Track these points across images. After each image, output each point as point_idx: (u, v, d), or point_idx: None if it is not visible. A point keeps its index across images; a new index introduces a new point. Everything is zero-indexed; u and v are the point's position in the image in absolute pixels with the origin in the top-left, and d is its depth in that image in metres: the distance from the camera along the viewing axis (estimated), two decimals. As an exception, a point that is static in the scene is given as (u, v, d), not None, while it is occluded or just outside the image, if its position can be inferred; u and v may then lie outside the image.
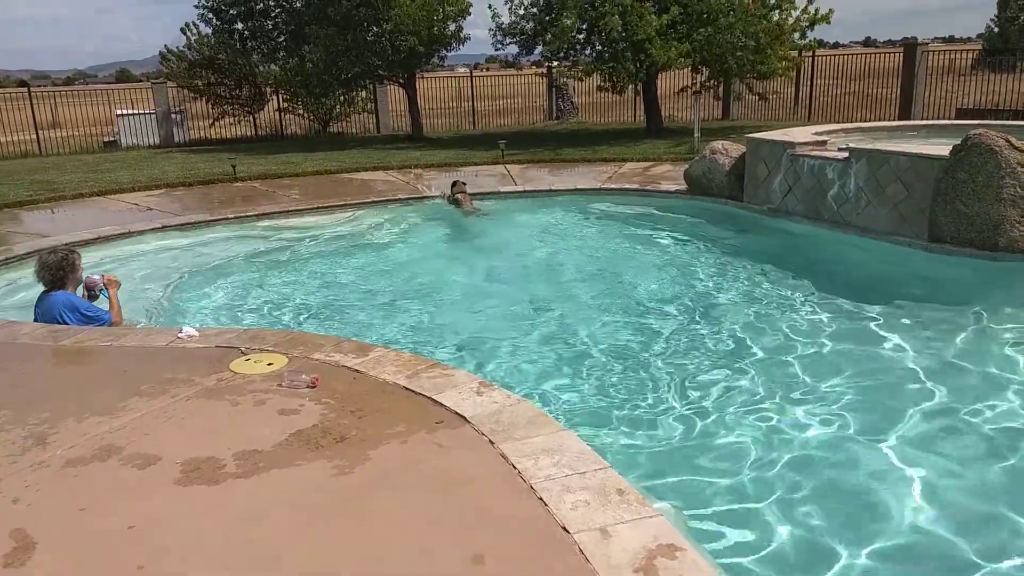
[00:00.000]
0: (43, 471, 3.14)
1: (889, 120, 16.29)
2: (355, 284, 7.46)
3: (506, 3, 17.53)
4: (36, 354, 4.65)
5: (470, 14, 18.48)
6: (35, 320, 5.35)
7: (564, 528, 2.60)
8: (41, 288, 5.42)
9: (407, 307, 6.72)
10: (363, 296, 7.08)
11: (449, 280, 7.52)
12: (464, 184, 10.92)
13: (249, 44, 19.42)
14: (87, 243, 8.43)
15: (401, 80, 19.40)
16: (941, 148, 7.18)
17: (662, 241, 8.80)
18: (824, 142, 8.80)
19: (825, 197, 8.25)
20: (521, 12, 17.20)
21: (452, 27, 18.36)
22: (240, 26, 19.04)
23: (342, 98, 21.37)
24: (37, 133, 19.86)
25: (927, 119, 15.58)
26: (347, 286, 7.40)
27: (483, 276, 7.65)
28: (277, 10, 18.95)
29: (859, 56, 21.75)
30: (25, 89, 22.17)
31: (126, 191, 12.00)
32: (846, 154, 8.02)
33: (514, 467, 3.01)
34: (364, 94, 21.88)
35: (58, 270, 5.31)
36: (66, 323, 5.18)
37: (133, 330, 5.26)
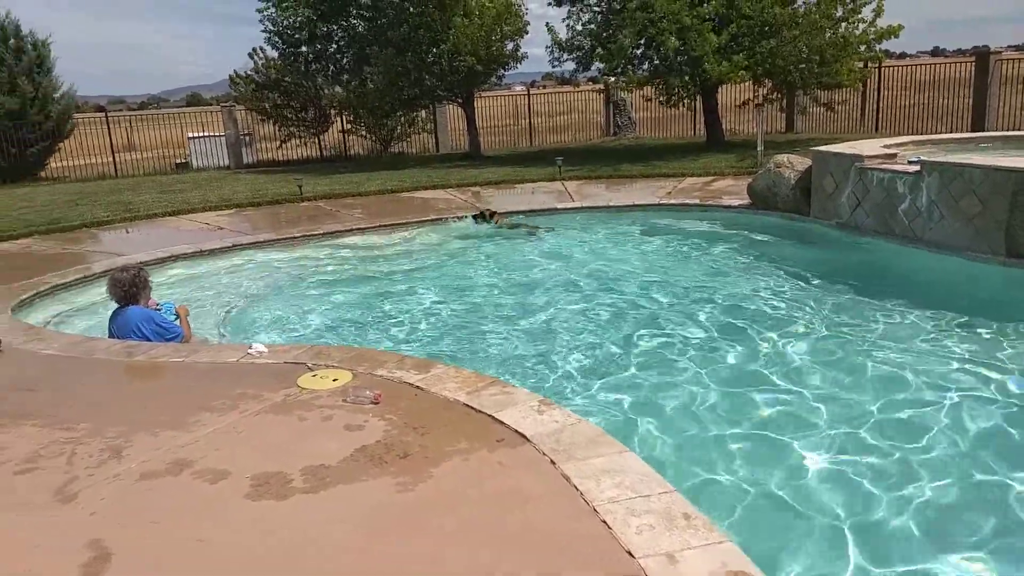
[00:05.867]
0: (119, 484, 3.24)
1: (961, 132, 15.73)
2: (417, 299, 7.54)
3: (564, 20, 17.66)
4: (112, 369, 4.83)
5: (528, 33, 18.66)
6: (110, 336, 5.55)
7: (629, 552, 2.55)
8: (114, 305, 5.63)
9: (468, 323, 6.75)
10: (425, 311, 7.15)
11: (510, 295, 7.53)
12: (491, 214, 10.80)
13: (314, 67, 19.96)
14: (161, 261, 8.75)
15: (460, 100, 19.65)
16: (1018, 160, 6.89)
17: (728, 257, 8.62)
18: (894, 155, 8.55)
19: (896, 211, 8.00)
20: (579, 28, 17.29)
21: (510, 46, 18.55)
22: (305, 49, 19.58)
23: (403, 118, 21.77)
24: (113, 156, 20.79)
25: (1002, 130, 14.98)
26: (409, 301, 7.48)
27: (543, 292, 7.62)
28: (340, 34, 19.44)
29: (927, 66, 21.09)
30: (103, 113, 23.25)
31: (197, 211, 12.43)
32: (917, 167, 7.77)
33: (576, 488, 2.98)
34: (424, 114, 22.25)
35: (131, 287, 5.50)
36: (143, 334, 5.36)
37: (204, 346, 5.42)
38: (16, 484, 3.30)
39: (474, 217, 10.72)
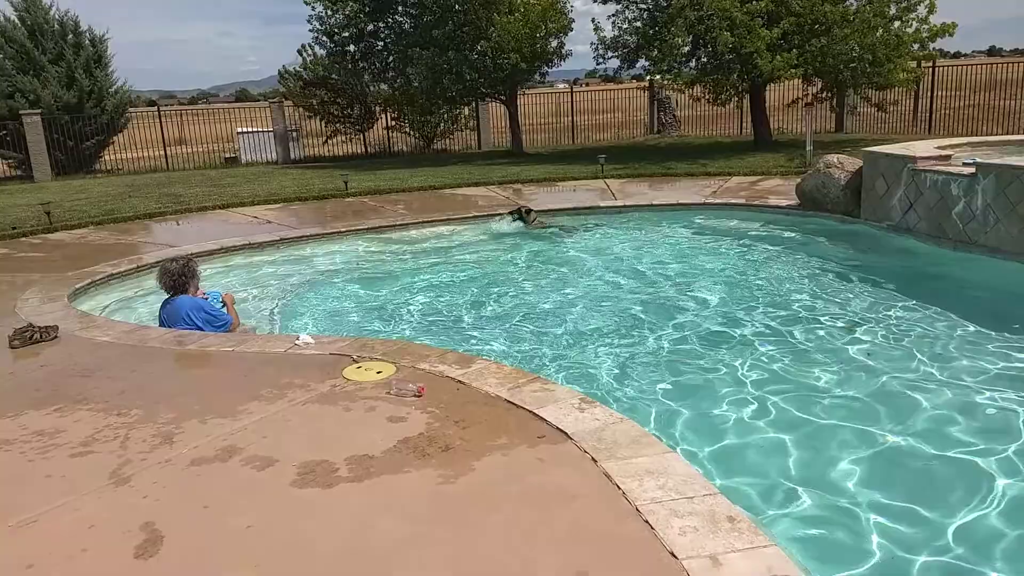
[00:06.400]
0: (170, 469, 3.33)
1: (1019, 134, 15.24)
2: (455, 295, 7.58)
3: (610, 18, 17.56)
4: (164, 357, 4.95)
5: (572, 30, 18.59)
6: (160, 324, 5.70)
7: (672, 553, 2.54)
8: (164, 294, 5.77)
9: (508, 319, 6.77)
10: (463, 307, 7.19)
11: (549, 293, 7.53)
12: (526, 211, 10.78)
13: (360, 65, 20.19)
14: (211, 253, 8.92)
15: (503, 97, 19.68)
16: (1082, 163, 6.66)
17: (775, 259, 8.48)
18: (948, 156, 8.34)
19: (949, 215, 7.80)
20: (625, 26, 17.18)
21: (554, 43, 18.51)
22: (352, 48, 19.81)
23: (446, 116, 21.90)
24: (165, 149, 21.28)
25: (1063, 132, 14.49)
26: (448, 298, 7.53)
27: (583, 290, 7.61)
28: (387, 32, 19.63)
29: (983, 66, 20.48)
30: (155, 108, 23.81)
31: (246, 204, 12.66)
32: (972, 169, 7.56)
33: (618, 487, 2.98)
34: (467, 111, 22.35)
35: (180, 276, 5.64)
36: (194, 322, 5.50)
37: (253, 336, 5.53)
38: (73, 466, 3.41)
39: (511, 214, 10.70)
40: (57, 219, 11.15)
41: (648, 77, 21.23)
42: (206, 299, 5.81)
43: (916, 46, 15.57)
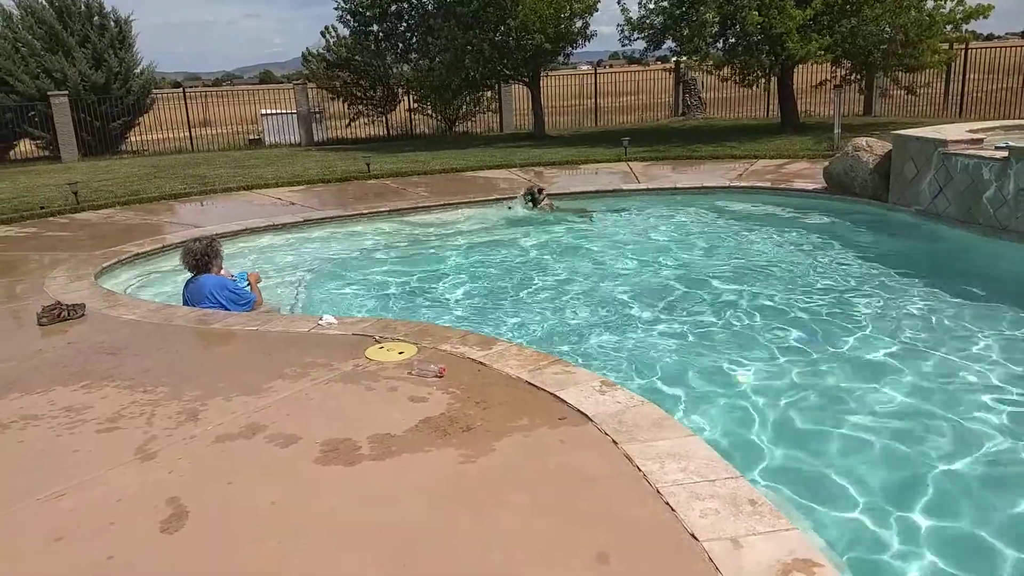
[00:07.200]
0: (195, 445, 3.38)
1: (1055, 116, 14.90)
2: (473, 278, 7.58)
3: (636, -1, 17.35)
4: (189, 336, 5.01)
5: (597, 10, 18.40)
6: (184, 303, 5.76)
7: (692, 535, 2.54)
8: (187, 274, 5.83)
9: (528, 302, 6.76)
10: (482, 289, 7.19)
11: (570, 276, 7.51)
12: (538, 191, 10.65)
13: (383, 46, 20.12)
14: (235, 234, 8.99)
15: (526, 79, 19.55)
16: (1120, 146, 6.49)
17: (800, 244, 8.37)
18: (980, 140, 8.17)
19: (980, 199, 7.65)
20: (651, 6, 16.98)
21: (579, 24, 18.34)
22: (375, 28, 19.74)
23: (468, 98, 21.82)
24: (190, 131, 21.42)
25: (1100, 115, 14.14)
26: (468, 280, 7.53)
27: (603, 274, 7.58)
28: (410, 12, 19.54)
29: (1017, 49, 20.01)
30: (180, 90, 23.96)
31: (270, 186, 12.72)
32: (1005, 153, 7.40)
33: (639, 469, 2.97)
34: (489, 94, 22.24)
35: (203, 256, 5.69)
36: (217, 300, 5.55)
37: (277, 316, 5.57)
38: (100, 442, 3.47)
39: (523, 196, 10.62)
40: (84, 199, 11.28)
41: (674, 59, 20.97)
42: (233, 279, 5.86)
43: (949, 27, 15.23)
